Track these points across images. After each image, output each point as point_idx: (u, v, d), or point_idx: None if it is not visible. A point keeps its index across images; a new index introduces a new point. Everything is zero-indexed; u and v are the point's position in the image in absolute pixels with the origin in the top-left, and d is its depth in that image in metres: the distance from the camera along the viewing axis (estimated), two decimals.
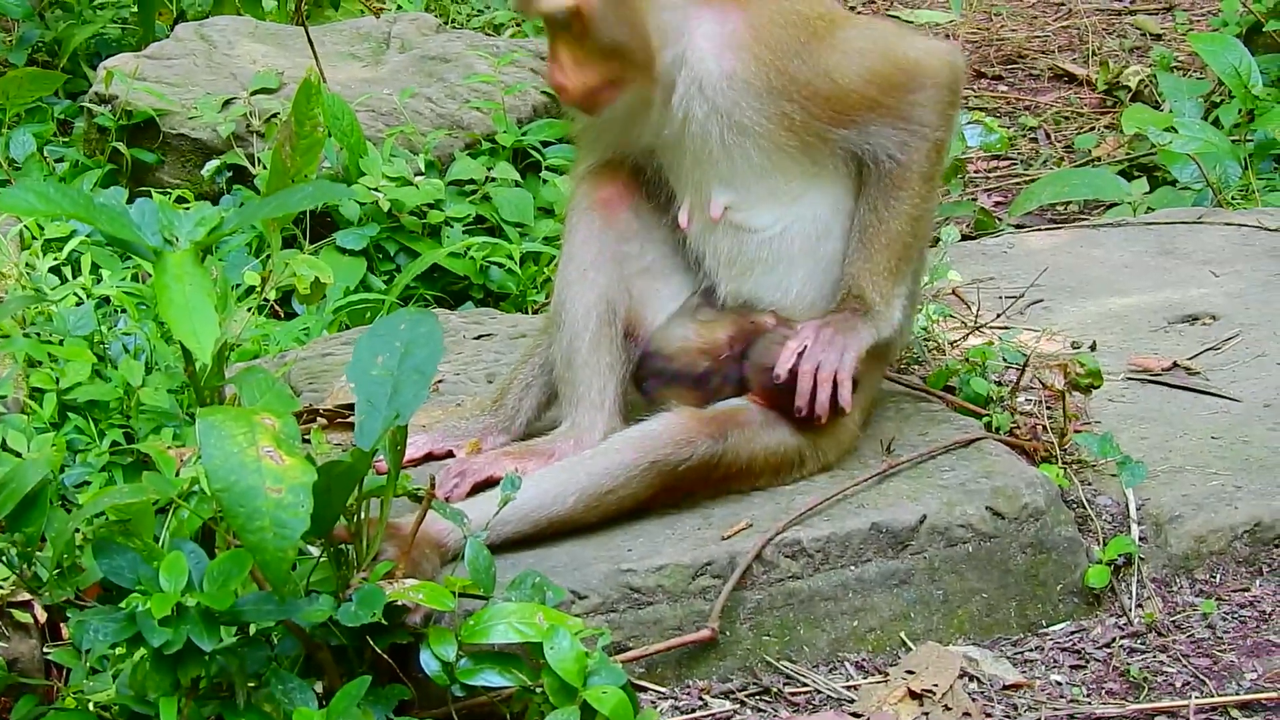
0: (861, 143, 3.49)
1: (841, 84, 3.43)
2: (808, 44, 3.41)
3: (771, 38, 3.41)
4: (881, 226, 3.50)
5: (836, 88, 3.43)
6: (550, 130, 6.36)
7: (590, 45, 3.38)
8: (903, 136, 3.48)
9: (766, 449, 3.46)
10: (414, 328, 3.01)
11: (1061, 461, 3.70)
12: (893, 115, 3.47)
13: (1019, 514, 3.46)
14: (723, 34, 3.41)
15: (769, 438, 3.47)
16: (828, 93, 3.43)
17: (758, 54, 3.40)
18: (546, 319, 3.83)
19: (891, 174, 3.49)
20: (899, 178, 3.49)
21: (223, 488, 2.69)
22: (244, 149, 6.13)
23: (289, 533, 2.69)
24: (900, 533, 3.39)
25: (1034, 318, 4.43)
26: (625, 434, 3.44)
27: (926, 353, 4.17)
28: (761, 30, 3.41)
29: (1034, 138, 7.27)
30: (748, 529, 3.35)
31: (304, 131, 3.20)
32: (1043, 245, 5.06)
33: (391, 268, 5.80)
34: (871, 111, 3.46)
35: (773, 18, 3.41)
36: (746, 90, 3.41)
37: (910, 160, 3.49)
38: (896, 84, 3.47)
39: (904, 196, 3.50)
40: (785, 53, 3.40)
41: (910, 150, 3.49)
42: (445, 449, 3.71)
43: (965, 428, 3.73)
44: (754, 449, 3.44)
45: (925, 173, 3.52)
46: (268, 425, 2.76)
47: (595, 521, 3.37)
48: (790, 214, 3.55)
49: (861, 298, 3.50)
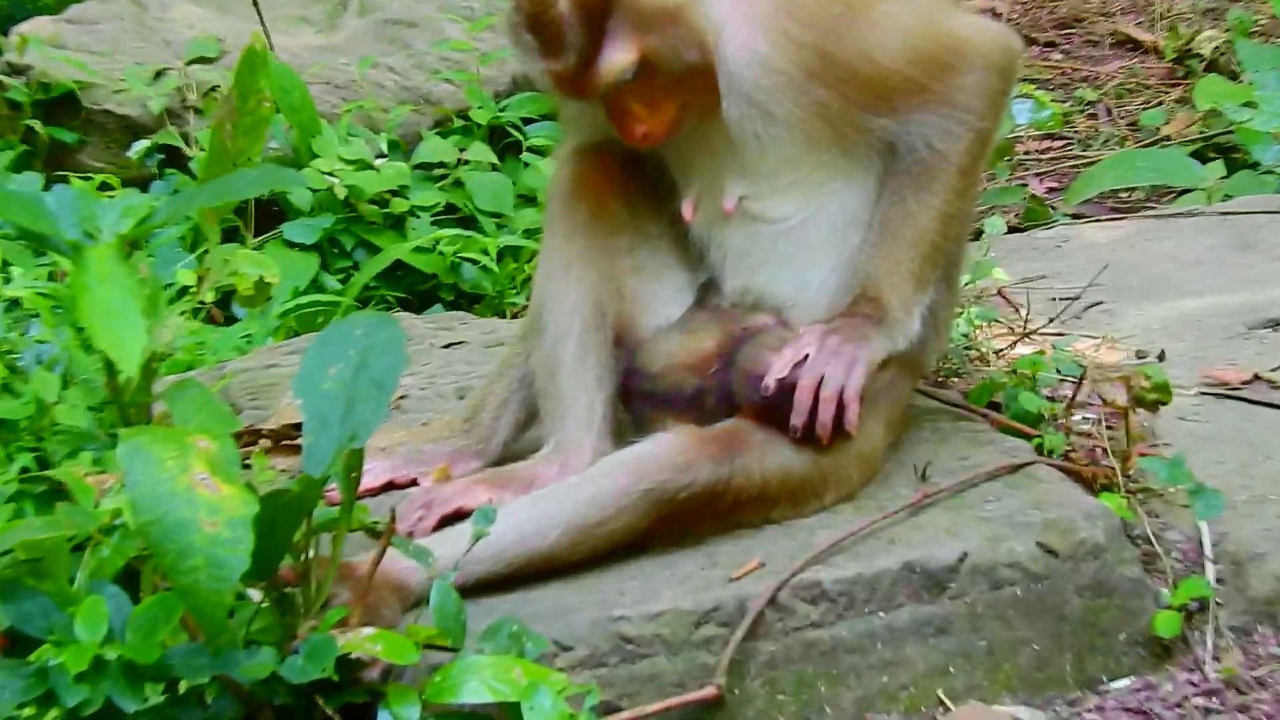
0: (901, 132, 3.52)
1: (882, 64, 3.46)
2: (844, 19, 3.45)
3: (805, 13, 3.44)
4: (908, 221, 3.52)
5: (876, 69, 3.46)
6: (532, 106, 6.39)
7: (660, 82, 3.46)
8: (946, 124, 3.51)
9: (781, 474, 3.47)
10: (373, 334, 3.01)
11: (1125, 490, 3.70)
12: (936, 100, 3.50)
13: (1075, 551, 3.46)
14: (752, 12, 3.44)
15: (783, 461, 3.47)
16: (867, 75, 3.46)
17: (791, 32, 3.43)
18: (525, 324, 3.84)
19: (926, 163, 3.52)
20: (935, 168, 3.52)
21: (150, 521, 2.69)
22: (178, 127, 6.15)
23: (226, 573, 2.69)
24: (937, 573, 3.39)
25: (1093, 323, 4.45)
26: (616, 457, 3.45)
27: (967, 363, 4.19)
28: (794, 5, 3.44)
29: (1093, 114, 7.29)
30: (760, 569, 3.35)
31: (248, 107, 3.22)
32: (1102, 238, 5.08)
33: (348, 265, 5.83)
34: (914, 96, 3.49)
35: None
36: (778, 76, 3.45)
37: (950, 150, 3.52)
38: (942, 65, 3.50)
39: (937, 190, 3.52)
40: (820, 30, 3.43)
41: (952, 140, 3.52)
42: (408, 476, 3.72)
43: (1012, 451, 3.74)
44: (766, 474, 3.45)
45: (965, 166, 3.54)
46: (202, 448, 2.76)
47: (583, 560, 3.37)
48: (813, 203, 3.58)
49: (878, 301, 3.51)
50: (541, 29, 3.35)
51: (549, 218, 3.74)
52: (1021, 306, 4.48)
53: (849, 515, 3.52)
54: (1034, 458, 3.71)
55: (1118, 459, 3.77)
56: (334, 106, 6.24)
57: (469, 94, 6.36)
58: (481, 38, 6.56)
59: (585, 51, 3.36)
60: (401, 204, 5.88)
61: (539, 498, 3.43)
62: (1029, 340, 4.35)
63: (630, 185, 3.71)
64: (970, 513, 3.52)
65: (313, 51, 6.62)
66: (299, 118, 5.94)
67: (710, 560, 3.40)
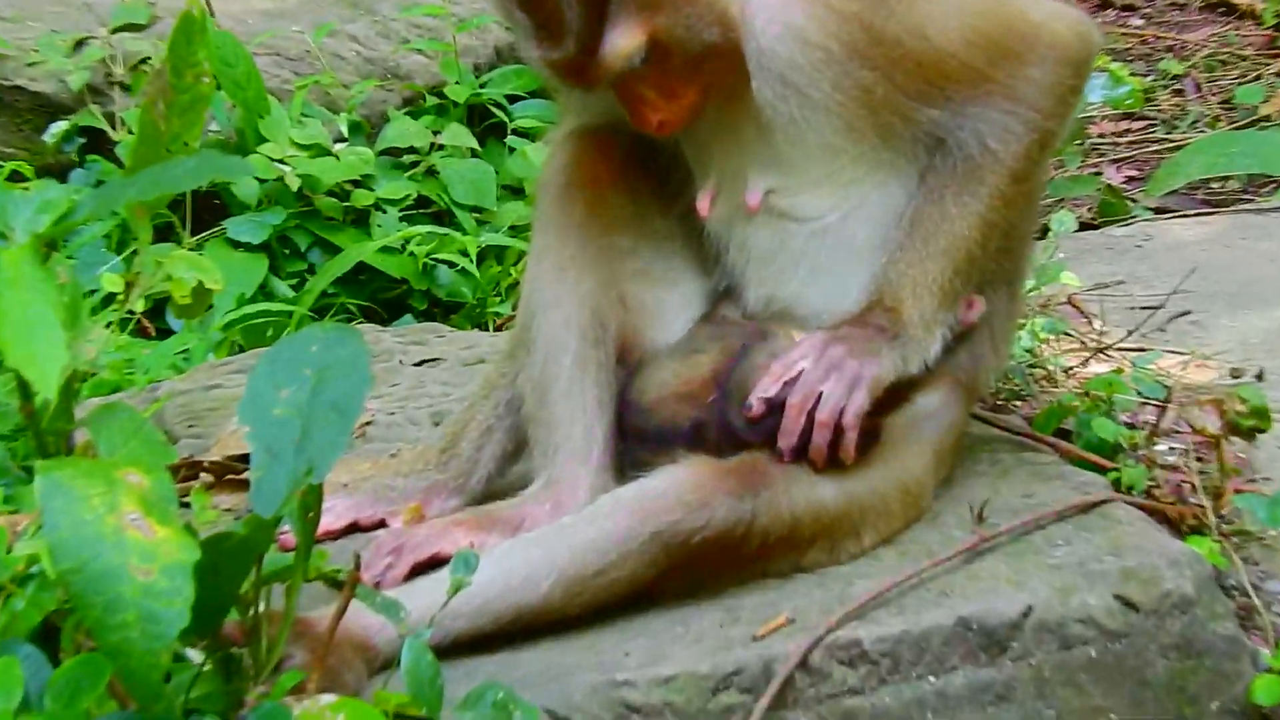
0: (954, 126, 3.53)
1: (937, 45, 3.47)
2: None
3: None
4: (944, 225, 3.52)
5: (931, 50, 3.47)
6: (518, 80, 6.41)
7: (676, 65, 3.47)
8: (1005, 120, 3.52)
9: (812, 512, 3.47)
10: (331, 350, 3.01)
11: (1217, 533, 3.71)
12: (997, 92, 3.51)
13: (1159, 605, 3.46)
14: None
15: (814, 496, 3.47)
16: (919, 56, 3.47)
17: (832, 2, 3.44)
18: (512, 338, 3.84)
19: (975, 161, 3.52)
20: (984, 168, 3.52)
21: (72, 568, 2.68)
22: (101, 106, 6.17)
23: (162, 630, 2.68)
24: (997, 630, 3.39)
25: (1179, 336, 4.45)
26: (618, 495, 3.44)
27: (1032, 384, 4.19)
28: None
29: (1179, 89, 7.31)
30: (788, 625, 3.35)
31: (184, 83, 3.22)
32: (1191, 236, 5.09)
33: (302, 268, 5.84)
34: (971, 86, 3.50)
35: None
36: (816, 52, 3.45)
37: (1005, 151, 3.52)
38: (1007, 51, 3.51)
39: (983, 194, 3.52)
40: (867, 0, 3.44)
41: (1009, 139, 3.52)
42: (375, 516, 3.73)
43: (1085, 486, 3.75)
44: (795, 512, 3.45)
45: (1019, 171, 3.54)
46: (133, 484, 2.75)
47: (580, 614, 3.36)
48: (851, 199, 3.59)
49: (895, 312, 3.51)
50: (536, 8, 3.36)
51: (540, 212, 3.74)
52: (1095, 317, 4.49)
53: (892, 562, 3.51)
54: (1110, 495, 3.72)
55: (1209, 496, 3.78)
56: (285, 82, 6.26)
57: (444, 67, 6.39)
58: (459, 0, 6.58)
59: (587, 35, 3.37)
60: (365, 196, 5.90)
61: (528, 542, 3.43)
62: (1104, 357, 4.36)
63: (636, 175, 3.72)
64: (1035, 559, 3.52)
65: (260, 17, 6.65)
66: (244, 95, 5.97)
67: (730, 615, 3.39)
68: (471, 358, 4.61)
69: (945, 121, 3.52)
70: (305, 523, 2.98)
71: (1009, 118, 3.52)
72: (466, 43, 6.43)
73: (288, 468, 2.93)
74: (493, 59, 6.48)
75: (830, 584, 3.46)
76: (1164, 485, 3.81)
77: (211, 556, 2.79)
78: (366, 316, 5.73)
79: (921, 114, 3.51)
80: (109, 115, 6.14)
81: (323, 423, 2.95)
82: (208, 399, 4.40)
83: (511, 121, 6.32)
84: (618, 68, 3.41)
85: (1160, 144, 6.84)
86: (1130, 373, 4.12)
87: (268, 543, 2.92)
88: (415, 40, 6.55)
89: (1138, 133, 7.02)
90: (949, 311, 3.56)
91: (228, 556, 2.85)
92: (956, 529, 3.60)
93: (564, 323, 3.64)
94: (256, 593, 2.96)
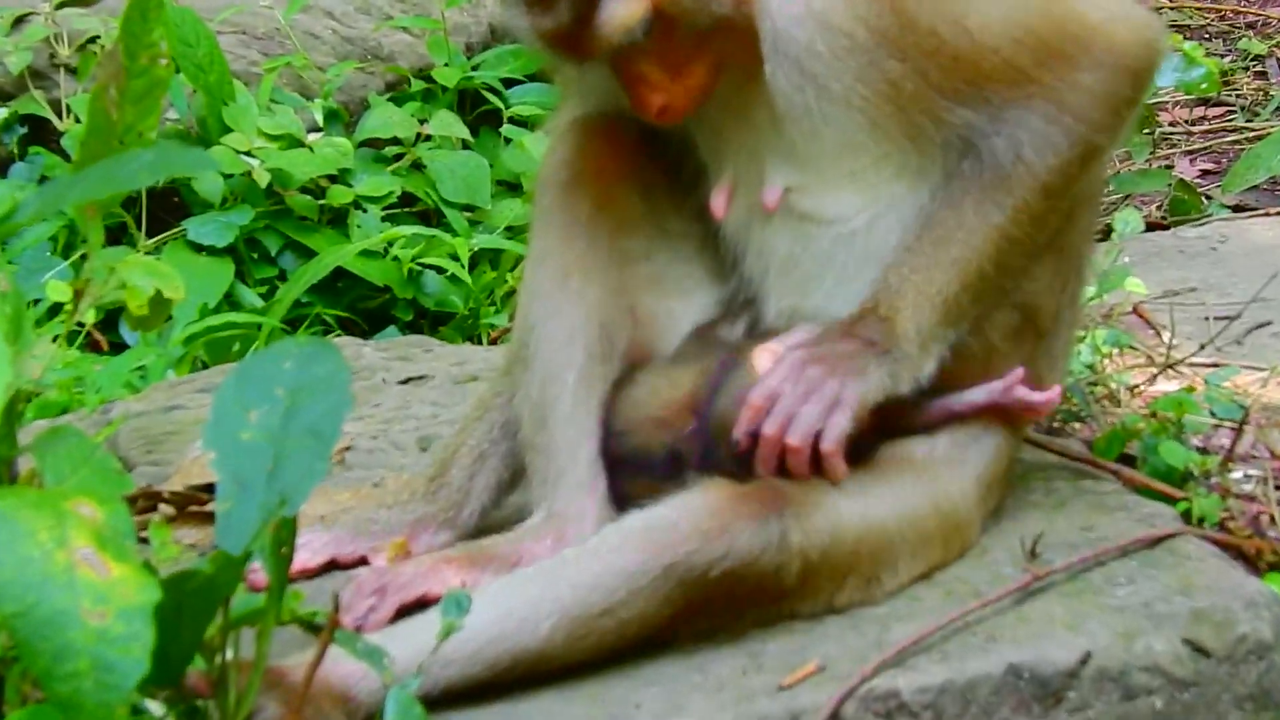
0: (990, 130, 3.53)
1: (979, 39, 3.47)
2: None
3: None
4: (959, 233, 3.52)
5: (970, 44, 3.48)
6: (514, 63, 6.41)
7: (681, 40, 3.49)
8: (1047, 130, 3.52)
9: (844, 537, 3.48)
10: (307, 367, 3.04)
11: None
12: (1042, 96, 3.51)
13: (1234, 650, 3.48)
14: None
15: (844, 521, 3.49)
16: (956, 50, 3.48)
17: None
18: (509, 354, 3.86)
19: (1005, 170, 3.52)
20: (1014, 179, 3.51)
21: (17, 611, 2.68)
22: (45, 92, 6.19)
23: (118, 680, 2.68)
24: (1052, 679, 3.41)
25: (1258, 350, 4.46)
26: (625, 525, 3.45)
27: (1092, 403, 4.20)
28: None
29: (1260, 71, 7.31)
30: (818, 674, 3.37)
31: (138, 66, 3.25)
32: (1272, 238, 5.09)
33: (272, 274, 5.84)
34: (1014, 87, 3.50)
35: None
36: (840, 39, 3.46)
37: (1041, 163, 3.52)
38: (1057, 53, 3.51)
39: (1007, 205, 3.52)
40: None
41: (1048, 150, 3.52)
42: (356, 553, 3.75)
43: (1151, 518, 3.76)
44: (826, 538, 3.46)
45: (1053, 186, 3.54)
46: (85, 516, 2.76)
47: (585, 659, 3.37)
48: (880, 200, 3.60)
49: (890, 322, 3.51)
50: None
51: (540, 211, 3.76)
52: (1164, 328, 4.49)
53: (935, 603, 3.54)
54: (1180, 527, 3.73)
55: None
56: (252, 64, 6.28)
57: (431, 47, 6.39)
58: None
59: (582, 1, 3.40)
60: (343, 194, 5.89)
61: (526, 579, 3.44)
62: (1173, 373, 4.37)
63: (647, 169, 3.75)
64: (1095, 600, 3.54)
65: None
66: (206, 79, 5.97)
67: (753, 661, 3.41)
68: (463, 375, 4.60)
69: (980, 125, 3.52)
70: (278, 559, 2.99)
71: (1051, 127, 3.52)
72: (457, 20, 6.44)
73: (258, 499, 2.95)
74: (486, 38, 6.49)
75: (865, 627, 3.48)
76: (1239, 517, 3.82)
77: (174, 597, 2.80)
78: (345, 329, 5.71)
79: (955, 114, 3.52)
80: (53, 102, 6.15)
81: (298, 448, 2.97)
82: (167, 421, 4.41)
83: (507, 109, 6.32)
84: (616, 40, 3.44)
85: (1239, 133, 6.85)
86: (1202, 391, 4.12)
87: (235, 582, 2.93)
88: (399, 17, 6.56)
89: (1214, 120, 7.03)
90: (951, 329, 3.55)
91: (192, 597, 2.87)
92: (1007, 566, 3.62)
93: (567, 336, 3.67)
94: (224, 638, 2.97)
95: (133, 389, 5.00)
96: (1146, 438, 3.97)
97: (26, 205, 3.09)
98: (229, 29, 6.33)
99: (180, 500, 3.91)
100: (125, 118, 3.26)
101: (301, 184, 5.87)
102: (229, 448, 2.99)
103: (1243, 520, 3.82)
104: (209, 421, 3.02)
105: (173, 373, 5.12)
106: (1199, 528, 3.75)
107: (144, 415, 4.46)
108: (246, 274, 5.79)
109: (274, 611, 3.02)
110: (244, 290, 5.73)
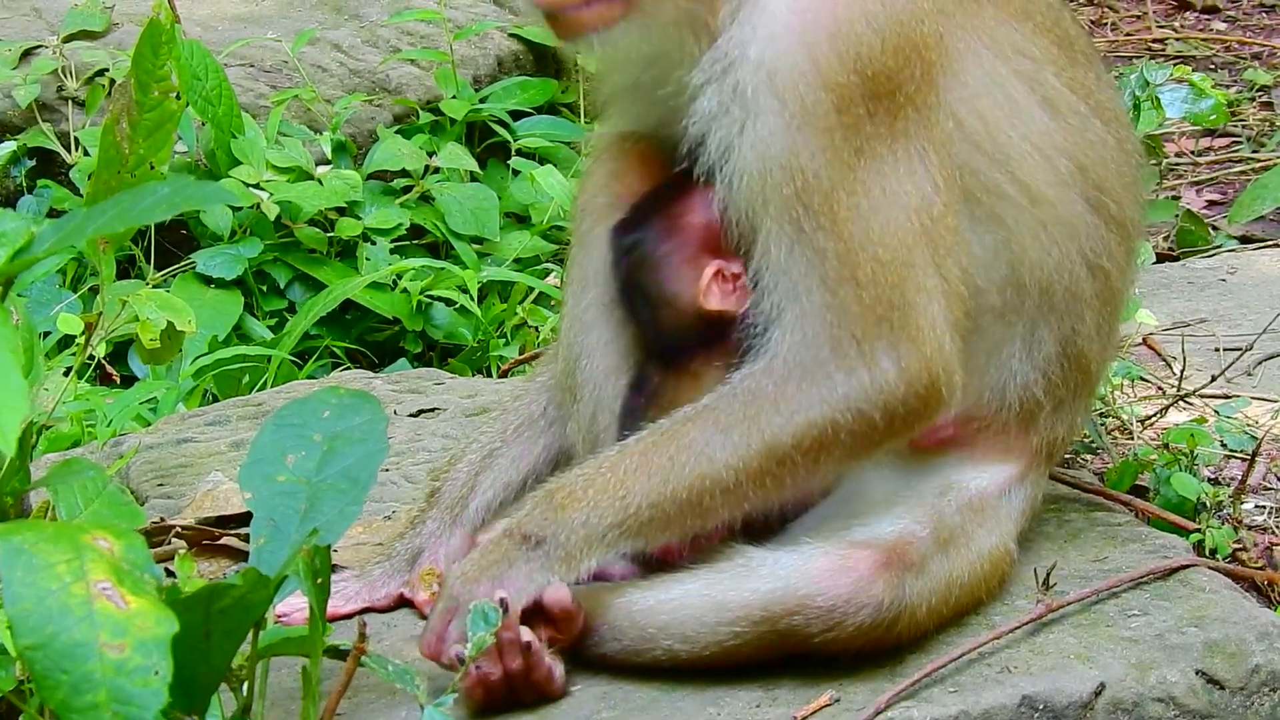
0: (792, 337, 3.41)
1: (849, 248, 3.38)
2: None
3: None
4: (709, 448, 3.39)
5: (844, 249, 3.39)
6: (524, 94, 6.42)
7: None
8: (839, 379, 3.40)
9: (940, 593, 3.51)
10: (345, 415, 3.06)
11: None
12: (856, 357, 3.39)
13: (1247, 681, 3.50)
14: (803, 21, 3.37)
15: (943, 577, 3.52)
16: (831, 245, 3.39)
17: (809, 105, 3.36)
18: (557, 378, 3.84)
19: (772, 393, 3.40)
20: (781, 404, 3.40)
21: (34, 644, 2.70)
22: (53, 125, 6.19)
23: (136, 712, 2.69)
24: (1066, 711, 3.42)
25: (1269, 381, 4.46)
26: (751, 567, 3.45)
27: (1104, 436, 4.20)
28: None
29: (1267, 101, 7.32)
30: (832, 706, 3.38)
31: (149, 100, 3.26)
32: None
33: (281, 306, 5.84)
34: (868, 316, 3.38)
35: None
36: (774, 104, 3.38)
37: (808, 400, 3.40)
38: (877, 317, 3.38)
39: (755, 442, 3.40)
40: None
41: (825, 389, 3.40)
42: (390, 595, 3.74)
43: (1164, 550, 3.77)
44: (932, 603, 3.49)
45: (804, 438, 3.39)
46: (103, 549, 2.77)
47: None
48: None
49: (561, 510, 3.39)
50: None
51: (579, 237, 3.76)
52: (1174, 360, 4.50)
53: (949, 635, 3.55)
54: (1192, 559, 3.74)
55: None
56: (261, 97, 6.28)
57: (439, 79, 6.39)
58: (456, 6, 6.58)
59: None
60: (351, 226, 5.89)
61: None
62: (1184, 405, 4.37)
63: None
64: (1108, 631, 3.56)
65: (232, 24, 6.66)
66: (215, 113, 5.98)
67: (767, 694, 3.43)
68: (474, 407, 4.60)
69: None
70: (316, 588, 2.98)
71: (846, 379, 3.40)
72: (464, 52, 6.44)
73: (291, 538, 2.96)
74: (494, 70, 6.49)
75: (879, 658, 3.49)
76: (1252, 548, 3.83)
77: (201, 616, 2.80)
78: (354, 361, 5.71)
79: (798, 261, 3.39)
80: (62, 135, 6.15)
81: (332, 491, 2.99)
82: (178, 454, 4.42)
83: (515, 141, 6.32)
84: None
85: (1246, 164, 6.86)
86: (1214, 423, 4.13)
87: (267, 603, 2.94)
88: (407, 49, 6.57)
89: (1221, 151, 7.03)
90: (632, 543, 3.43)
91: (220, 617, 2.87)
92: (1020, 597, 3.64)
93: (614, 366, 3.68)
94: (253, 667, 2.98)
95: (143, 422, 5.00)
96: (1158, 469, 3.99)
97: (43, 239, 3.08)
98: (237, 62, 6.34)
99: (193, 535, 3.92)
100: (137, 151, 3.27)
101: (310, 216, 5.87)
102: (265, 489, 3.01)
103: (1255, 551, 3.83)
104: (246, 462, 3.04)
105: (183, 405, 5.13)
106: (1211, 559, 3.77)
107: (155, 448, 4.47)
108: (255, 306, 5.79)
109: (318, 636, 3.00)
110: (253, 323, 5.73)
